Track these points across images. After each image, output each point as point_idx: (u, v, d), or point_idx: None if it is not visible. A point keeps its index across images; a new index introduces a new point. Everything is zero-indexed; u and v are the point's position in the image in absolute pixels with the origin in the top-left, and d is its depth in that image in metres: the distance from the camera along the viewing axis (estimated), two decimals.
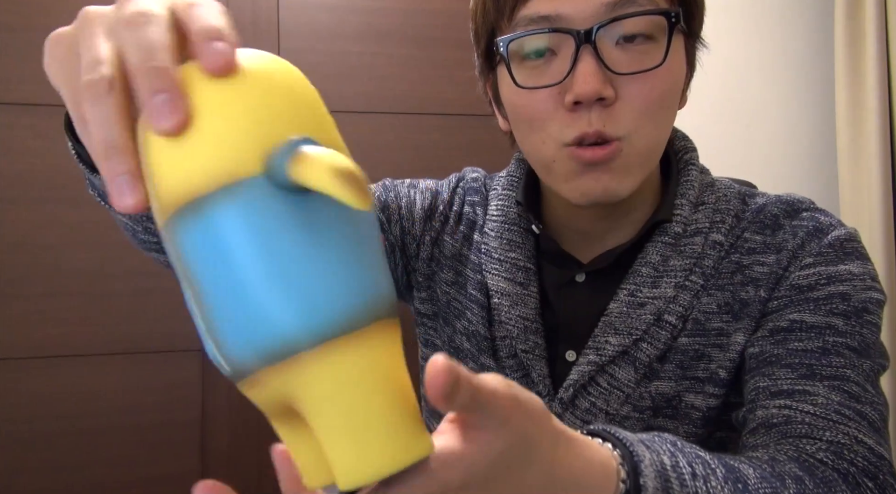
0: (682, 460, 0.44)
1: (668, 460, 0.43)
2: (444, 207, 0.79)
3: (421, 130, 1.69)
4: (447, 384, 0.29)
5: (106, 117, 0.30)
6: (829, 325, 0.60)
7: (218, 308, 0.29)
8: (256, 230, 0.29)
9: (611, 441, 0.43)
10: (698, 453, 0.46)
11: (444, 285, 0.77)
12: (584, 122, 0.58)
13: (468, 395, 0.30)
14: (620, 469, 0.40)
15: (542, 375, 0.68)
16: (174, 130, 0.29)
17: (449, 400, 0.30)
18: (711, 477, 0.44)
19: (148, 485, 1.51)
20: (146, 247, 0.66)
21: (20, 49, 1.46)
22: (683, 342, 0.65)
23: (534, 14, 0.59)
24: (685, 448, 0.45)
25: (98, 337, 1.50)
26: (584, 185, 0.61)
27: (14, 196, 1.46)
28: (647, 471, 0.40)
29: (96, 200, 0.55)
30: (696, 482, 0.43)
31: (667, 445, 0.44)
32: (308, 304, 0.29)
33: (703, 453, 0.46)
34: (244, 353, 0.29)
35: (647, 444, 0.43)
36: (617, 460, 0.40)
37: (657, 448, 0.43)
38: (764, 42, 1.98)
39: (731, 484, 0.45)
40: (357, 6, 1.64)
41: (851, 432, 0.54)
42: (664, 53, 0.59)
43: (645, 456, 0.41)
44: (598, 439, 0.43)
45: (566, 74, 0.58)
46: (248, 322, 0.29)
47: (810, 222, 0.65)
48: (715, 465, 0.46)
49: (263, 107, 0.30)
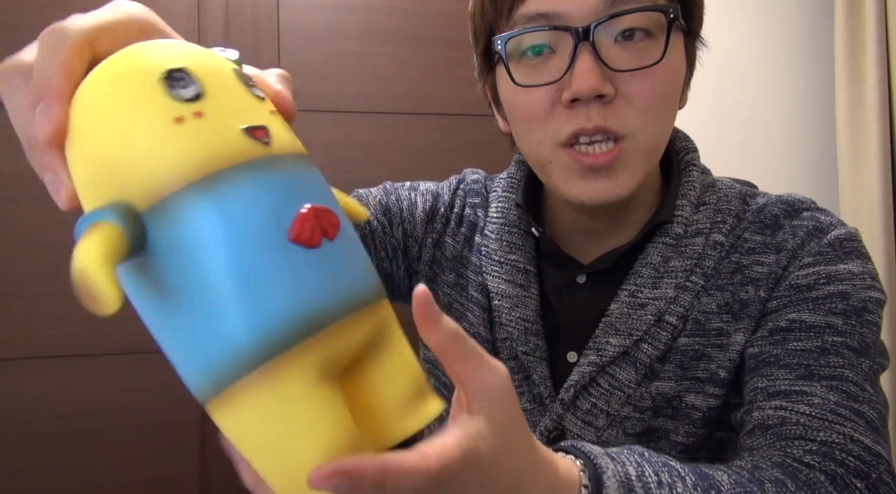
0: (648, 469, 0.43)
1: (634, 470, 0.43)
2: (445, 209, 0.79)
3: (421, 130, 1.69)
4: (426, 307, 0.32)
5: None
6: (829, 324, 0.60)
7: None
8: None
9: (574, 454, 0.43)
10: (668, 462, 0.46)
11: (445, 287, 0.77)
12: (581, 117, 0.58)
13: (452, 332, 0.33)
14: (582, 476, 0.40)
15: (542, 377, 0.68)
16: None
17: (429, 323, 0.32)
18: (679, 483, 0.44)
19: (148, 485, 1.51)
20: None
21: (20, 49, 1.46)
22: (683, 343, 0.65)
23: (532, 12, 0.59)
24: (653, 459, 0.45)
25: (98, 337, 1.50)
26: (585, 190, 0.61)
27: (14, 196, 1.46)
28: (608, 482, 0.40)
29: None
30: (662, 490, 0.43)
31: (634, 456, 0.44)
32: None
33: (673, 462, 0.46)
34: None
35: (613, 456, 0.43)
36: (579, 468, 0.41)
37: (623, 459, 0.43)
38: (764, 42, 1.98)
39: (700, 491, 0.44)
40: (357, 6, 1.64)
41: (847, 431, 0.53)
42: (663, 50, 0.59)
43: (608, 467, 0.41)
44: (562, 453, 0.43)
45: (564, 72, 0.58)
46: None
47: (810, 222, 0.65)
48: (684, 473, 0.45)
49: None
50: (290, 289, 0.29)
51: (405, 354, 0.34)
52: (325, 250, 0.30)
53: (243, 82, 0.33)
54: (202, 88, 0.30)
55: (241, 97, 0.32)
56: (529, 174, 0.75)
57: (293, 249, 0.29)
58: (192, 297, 0.29)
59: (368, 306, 0.32)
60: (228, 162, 0.29)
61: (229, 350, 0.29)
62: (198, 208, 0.29)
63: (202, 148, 0.29)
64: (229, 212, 0.29)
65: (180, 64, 0.31)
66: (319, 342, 0.29)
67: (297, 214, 0.30)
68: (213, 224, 0.29)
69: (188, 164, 0.29)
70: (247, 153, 0.30)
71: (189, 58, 0.32)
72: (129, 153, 0.29)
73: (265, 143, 0.31)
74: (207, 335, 0.29)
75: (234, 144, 0.30)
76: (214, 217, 0.29)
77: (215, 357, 0.29)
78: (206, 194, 0.29)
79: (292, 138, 0.34)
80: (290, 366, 0.29)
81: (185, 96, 0.30)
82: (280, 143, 0.32)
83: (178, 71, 0.30)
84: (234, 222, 0.29)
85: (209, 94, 0.31)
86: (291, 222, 0.30)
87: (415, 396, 0.34)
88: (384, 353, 0.33)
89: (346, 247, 0.31)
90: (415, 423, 0.33)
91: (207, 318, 0.29)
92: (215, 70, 0.32)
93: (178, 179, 0.29)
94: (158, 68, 0.30)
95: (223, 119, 0.30)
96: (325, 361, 0.30)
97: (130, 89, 0.30)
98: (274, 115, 0.34)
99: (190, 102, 0.30)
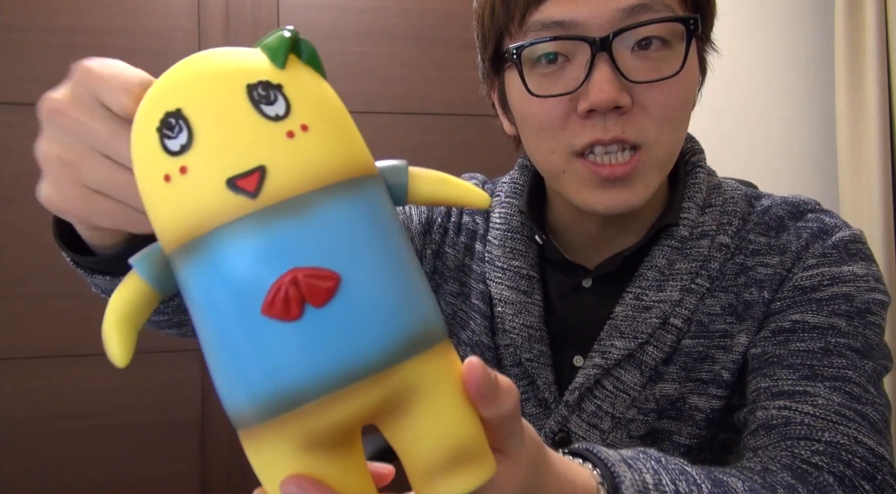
0: (665, 477, 0.43)
1: (651, 478, 0.42)
2: (443, 219, 0.78)
3: (421, 130, 1.69)
4: (484, 381, 0.30)
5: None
6: (832, 326, 0.59)
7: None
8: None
9: (592, 461, 0.42)
10: (684, 468, 0.46)
11: (448, 296, 0.76)
12: (598, 129, 0.57)
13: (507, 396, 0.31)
14: (601, 490, 0.40)
15: (547, 382, 0.68)
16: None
17: (487, 401, 0.30)
18: (695, 492, 0.44)
19: (148, 485, 1.51)
20: (158, 326, 0.64)
21: (20, 49, 1.46)
22: (687, 344, 0.64)
23: (547, 19, 0.57)
24: (669, 465, 0.45)
25: (98, 337, 1.48)
26: (600, 200, 0.60)
27: (14, 196, 1.46)
28: (627, 492, 0.40)
29: (102, 297, 0.55)
30: None
31: (651, 462, 0.44)
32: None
33: (689, 468, 0.46)
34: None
35: (630, 463, 0.43)
36: (597, 480, 0.40)
37: (640, 466, 0.43)
38: (764, 42, 1.98)
39: None
40: (357, 6, 1.64)
41: (851, 432, 0.53)
42: (682, 61, 0.57)
43: (626, 476, 0.41)
44: (579, 459, 0.42)
45: (581, 83, 0.57)
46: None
47: (815, 224, 0.65)
48: (700, 480, 0.45)
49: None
50: (257, 366, 0.28)
51: (442, 417, 0.30)
52: (307, 322, 0.27)
53: (254, 103, 0.29)
54: (192, 133, 0.28)
55: (243, 130, 0.28)
56: (533, 179, 0.74)
57: (266, 323, 0.27)
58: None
59: (375, 375, 0.28)
60: (208, 226, 0.28)
61: (224, 404, 0.30)
62: (183, 272, 0.29)
63: (184, 211, 0.28)
64: (208, 280, 0.28)
65: (177, 104, 0.29)
66: (294, 419, 0.28)
67: (271, 283, 0.27)
68: (194, 291, 0.29)
69: (174, 227, 0.29)
70: (228, 213, 0.28)
71: (191, 90, 0.29)
72: (146, 204, 0.30)
73: (252, 195, 0.28)
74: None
75: (215, 205, 0.28)
76: (195, 285, 0.29)
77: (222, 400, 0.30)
78: (189, 261, 0.29)
79: (310, 168, 0.29)
80: (265, 438, 0.28)
81: (173, 149, 0.28)
82: (279, 185, 0.28)
83: (173, 115, 0.29)
84: (211, 292, 0.28)
85: (200, 138, 0.28)
86: (265, 292, 0.27)
87: (452, 461, 0.30)
88: (414, 414, 0.30)
89: (343, 311, 0.27)
90: (445, 491, 0.30)
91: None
92: (218, 100, 0.29)
93: (170, 241, 0.29)
94: (158, 113, 0.29)
95: (208, 172, 0.28)
96: (306, 436, 0.28)
97: (135, 139, 0.30)
98: (291, 138, 0.29)
99: (177, 154, 0.28)
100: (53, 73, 1.49)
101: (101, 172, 0.35)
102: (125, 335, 0.31)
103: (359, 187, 0.30)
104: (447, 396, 0.30)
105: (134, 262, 0.31)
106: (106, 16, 1.50)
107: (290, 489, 0.28)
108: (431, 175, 0.34)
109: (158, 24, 1.53)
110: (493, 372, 0.31)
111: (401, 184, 0.33)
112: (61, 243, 0.48)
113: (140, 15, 1.52)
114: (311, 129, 0.29)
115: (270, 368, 0.27)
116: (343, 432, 0.29)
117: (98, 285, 0.52)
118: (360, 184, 0.30)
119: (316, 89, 0.31)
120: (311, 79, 0.31)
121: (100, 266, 0.48)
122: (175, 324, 0.63)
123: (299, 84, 0.30)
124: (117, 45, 1.50)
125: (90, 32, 1.49)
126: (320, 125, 0.30)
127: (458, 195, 0.35)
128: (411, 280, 0.30)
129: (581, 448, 0.44)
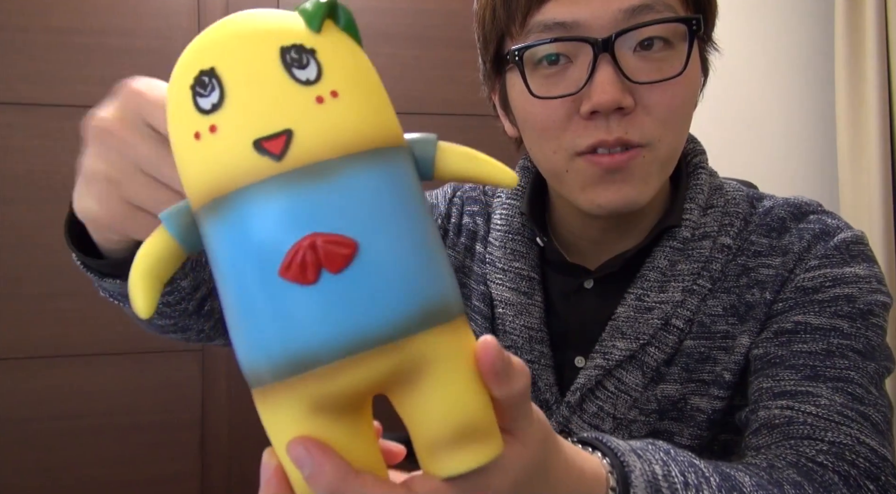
0: (674, 469, 0.43)
1: (660, 469, 0.42)
2: (443, 220, 0.78)
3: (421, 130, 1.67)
4: (498, 361, 0.30)
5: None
6: (834, 327, 0.60)
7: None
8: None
9: (601, 450, 0.42)
10: (693, 461, 0.46)
11: None
12: (601, 130, 0.57)
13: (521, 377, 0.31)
14: (610, 478, 0.40)
15: (548, 384, 0.68)
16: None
17: (501, 381, 0.30)
18: (705, 487, 0.44)
19: (148, 485, 1.51)
20: (162, 331, 0.65)
21: (20, 49, 1.46)
22: (689, 345, 0.64)
23: (549, 20, 0.57)
24: (678, 457, 0.45)
25: (98, 337, 1.49)
26: (602, 195, 0.59)
27: (14, 196, 1.46)
28: (636, 482, 0.40)
29: (109, 300, 0.56)
30: (689, 491, 0.42)
31: (660, 454, 0.44)
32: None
33: (697, 461, 0.46)
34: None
35: (639, 453, 0.43)
36: (606, 469, 0.40)
37: (649, 457, 0.43)
38: (764, 42, 1.98)
39: (725, 493, 0.44)
40: (357, 6, 1.64)
41: (854, 433, 0.54)
42: (685, 62, 0.57)
43: (636, 466, 0.41)
44: (589, 447, 0.42)
45: (583, 84, 0.57)
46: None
47: (817, 225, 0.65)
48: (709, 473, 0.45)
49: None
50: (274, 327, 0.28)
51: (452, 392, 0.30)
52: (323, 287, 0.27)
53: (286, 66, 0.29)
54: (224, 92, 0.29)
55: (273, 92, 0.29)
56: (534, 181, 0.74)
57: (283, 285, 0.28)
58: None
59: (388, 344, 0.28)
60: (233, 185, 0.28)
61: (239, 361, 0.30)
62: (208, 230, 0.30)
63: (211, 170, 0.29)
64: (230, 240, 0.29)
65: (212, 62, 0.29)
66: (306, 381, 0.28)
67: (290, 246, 0.27)
68: (216, 249, 0.30)
69: (201, 185, 0.29)
70: (253, 174, 0.28)
71: (226, 49, 0.30)
72: (176, 161, 0.31)
73: (277, 157, 0.28)
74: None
75: (241, 165, 0.28)
76: (217, 243, 0.29)
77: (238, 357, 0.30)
78: (214, 219, 0.29)
79: (337, 135, 0.29)
80: (277, 398, 0.29)
81: (204, 108, 0.29)
82: (304, 149, 0.28)
83: (207, 73, 0.29)
84: (233, 251, 0.29)
85: (230, 98, 0.29)
86: (283, 254, 0.28)
87: (458, 437, 0.30)
88: (424, 387, 0.30)
89: (359, 279, 0.28)
90: (448, 467, 0.30)
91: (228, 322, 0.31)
92: (251, 61, 0.29)
93: (197, 198, 0.30)
94: (193, 71, 0.29)
95: (236, 132, 0.28)
96: (316, 399, 0.29)
97: (170, 96, 0.31)
98: (321, 103, 0.29)
99: (208, 113, 0.29)
100: (53, 73, 1.49)
101: (144, 190, 0.38)
102: (150, 287, 0.31)
103: (385, 157, 0.30)
104: (459, 372, 0.30)
105: (163, 217, 0.32)
106: (106, 16, 1.50)
107: (296, 450, 0.29)
108: (460, 150, 0.34)
109: (158, 24, 1.53)
110: (506, 352, 0.31)
111: (428, 157, 0.33)
112: (72, 246, 0.49)
113: (140, 15, 1.52)
114: (341, 95, 0.29)
115: (285, 329, 0.28)
116: (354, 399, 0.30)
117: (107, 288, 0.53)
118: (387, 154, 0.30)
119: (349, 56, 0.31)
120: (345, 45, 0.31)
121: (110, 269, 0.49)
122: (180, 328, 0.63)
123: (333, 50, 0.30)
124: (117, 45, 1.50)
125: (90, 32, 1.49)
126: (351, 92, 0.30)
127: (486, 172, 0.34)
128: (430, 253, 0.30)
129: (590, 437, 0.44)
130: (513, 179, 0.34)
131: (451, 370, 0.30)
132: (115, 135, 0.37)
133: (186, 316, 0.61)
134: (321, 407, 0.29)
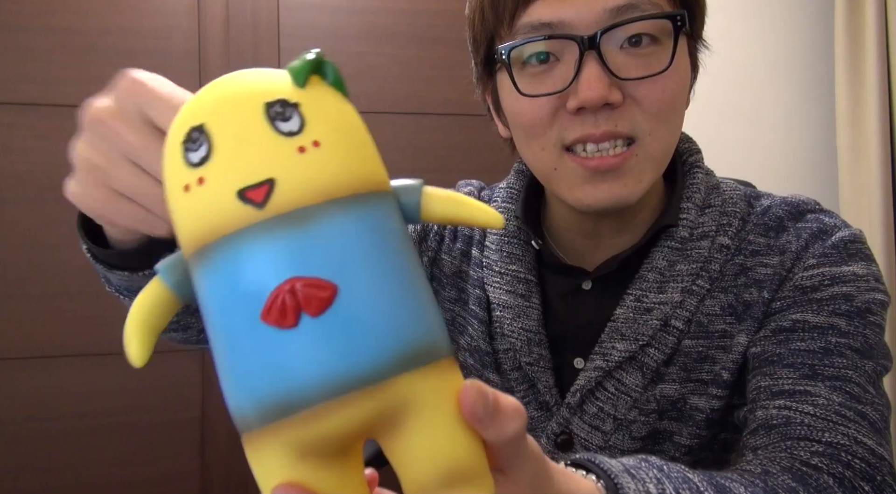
0: (668, 487, 0.43)
1: (655, 488, 0.42)
2: (439, 226, 0.78)
3: (421, 130, 1.69)
4: (480, 402, 0.29)
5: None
6: (832, 325, 0.59)
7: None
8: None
9: (594, 472, 0.42)
10: (686, 476, 0.45)
11: (447, 303, 0.77)
12: (588, 124, 0.58)
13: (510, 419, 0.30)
14: None
15: (547, 385, 0.68)
16: None
17: (484, 422, 0.29)
18: None
19: (148, 485, 1.51)
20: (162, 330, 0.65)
21: (20, 49, 1.46)
22: (687, 345, 0.64)
23: (535, 21, 0.58)
24: (672, 473, 0.45)
25: (98, 337, 1.50)
26: (591, 192, 0.60)
27: (14, 196, 1.46)
28: None
29: (114, 295, 0.57)
30: None
31: (653, 471, 0.44)
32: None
33: (691, 475, 0.46)
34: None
35: (633, 473, 0.43)
36: (601, 492, 0.40)
37: (643, 476, 0.43)
38: (764, 42, 1.98)
39: None
40: (357, 7, 1.64)
41: (851, 433, 0.53)
42: (670, 57, 0.58)
43: (630, 487, 0.41)
44: (582, 470, 0.42)
45: (570, 81, 0.57)
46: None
47: (815, 224, 0.65)
48: (703, 487, 0.45)
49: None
50: (258, 371, 0.28)
51: (438, 435, 0.30)
52: (304, 330, 0.28)
53: (270, 120, 0.30)
54: (212, 146, 0.30)
55: (257, 144, 0.30)
56: (529, 184, 0.74)
57: (265, 329, 0.28)
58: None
59: (369, 386, 0.28)
60: (218, 233, 0.29)
61: (229, 408, 0.31)
62: (197, 278, 0.31)
63: (199, 219, 0.30)
64: (216, 286, 0.30)
65: (202, 119, 0.31)
66: (292, 424, 0.28)
67: (271, 291, 0.28)
68: (204, 295, 0.31)
69: (191, 234, 0.30)
70: (237, 222, 0.29)
71: (215, 107, 0.31)
72: (170, 213, 0.32)
73: (259, 205, 0.29)
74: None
75: (226, 213, 0.29)
76: (205, 289, 0.30)
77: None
78: (202, 266, 0.30)
79: (317, 182, 0.29)
80: (264, 443, 0.29)
81: (193, 161, 0.30)
82: (286, 197, 0.29)
83: (197, 129, 0.30)
84: (219, 297, 0.30)
85: (217, 151, 0.30)
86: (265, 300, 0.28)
87: (446, 481, 0.29)
88: (411, 430, 0.29)
89: (339, 321, 0.28)
90: None
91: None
92: (237, 116, 0.30)
93: (188, 247, 0.31)
94: (184, 128, 0.31)
95: (222, 183, 0.29)
96: (303, 443, 0.29)
97: (166, 153, 0.32)
98: (303, 153, 0.30)
99: (197, 166, 0.30)
100: (53, 73, 1.49)
101: (127, 178, 0.39)
102: (145, 339, 0.33)
103: (366, 201, 0.30)
104: (445, 414, 0.30)
105: (159, 268, 0.33)
106: (106, 16, 1.50)
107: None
108: (445, 195, 0.35)
109: (158, 24, 1.53)
110: (494, 394, 0.30)
111: (413, 202, 0.34)
112: (84, 236, 0.50)
113: (140, 15, 1.52)
114: (323, 144, 0.30)
115: (268, 373, 0.28)
116: (341, 443, 0.29)
117: (113, 282, 0.54)
118: (368, 199, 0.31)
119: (333, 108, 0.32)
120: (330, 98, 0.32)
121: (117, 260, 0.50)
122: (182, 326, 0.64)
123: (317, 102, 0.31)
124: (117, 45, 1.50)
125: (90, 32, 1.49)
126: (333, 141, 0.31)
127: (471, 215, 0.35)
128: (413, 295, 0.30)
129: (583, 458, 0.43)
130: (498, 219, 0.35)
131: (437, 412, 0.30)
132: (106, 123, 0.38)
133: (189, 314, 0.61)
134: (308, 452, 0.29)
